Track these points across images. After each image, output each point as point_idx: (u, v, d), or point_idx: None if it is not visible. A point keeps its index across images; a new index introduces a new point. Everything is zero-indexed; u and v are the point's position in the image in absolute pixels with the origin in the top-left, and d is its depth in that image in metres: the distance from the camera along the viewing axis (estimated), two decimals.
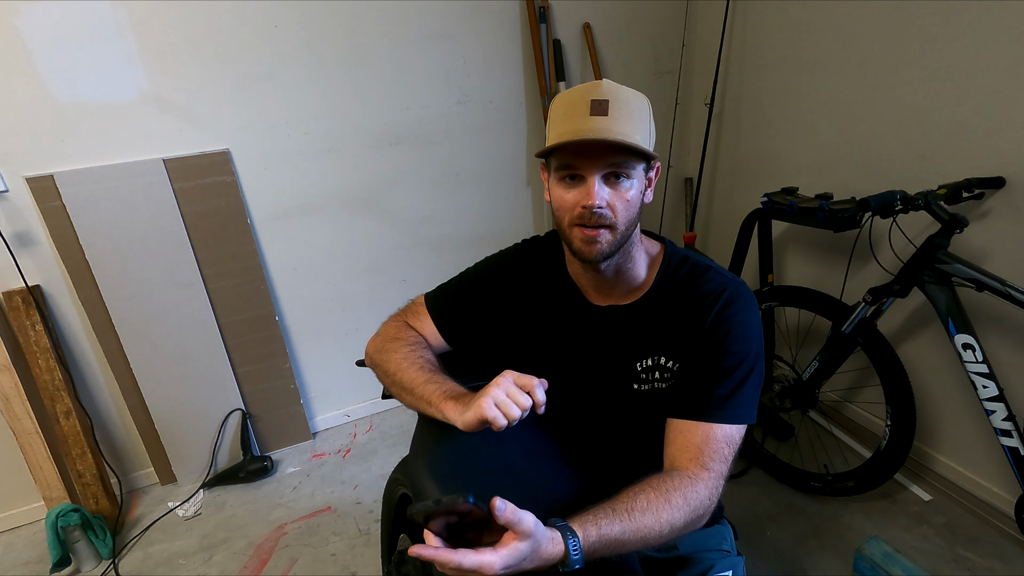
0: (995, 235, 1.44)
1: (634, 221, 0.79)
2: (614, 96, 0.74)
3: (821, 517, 1.62)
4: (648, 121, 0.77)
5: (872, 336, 1.52)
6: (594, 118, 0.73)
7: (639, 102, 0.76)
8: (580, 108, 0.74)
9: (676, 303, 0.84)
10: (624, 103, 0.74)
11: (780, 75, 1.91)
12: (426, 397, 0.80)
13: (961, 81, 1.42)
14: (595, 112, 0.73)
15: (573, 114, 0.74)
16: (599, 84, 0.75)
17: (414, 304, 1.00)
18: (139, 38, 1.57)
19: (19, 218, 1.61)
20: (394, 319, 1.00)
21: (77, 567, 1.65)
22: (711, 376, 0.79)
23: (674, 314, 0.84)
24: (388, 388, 0.90)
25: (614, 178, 0.76)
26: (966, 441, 1.64)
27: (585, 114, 0.73)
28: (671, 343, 0.84)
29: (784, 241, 2.06)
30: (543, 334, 0.92)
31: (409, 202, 2.06)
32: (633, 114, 0.74)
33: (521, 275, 0.94)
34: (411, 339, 0.92)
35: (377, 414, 2.30)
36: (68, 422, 1.74)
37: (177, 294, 1.79)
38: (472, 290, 0.96)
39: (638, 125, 0.75)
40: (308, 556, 1.64)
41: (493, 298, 0.94)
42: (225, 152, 1.76)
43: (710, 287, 0.82)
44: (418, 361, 0.86)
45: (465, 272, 0.99)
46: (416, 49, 1.87)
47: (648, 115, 0.77)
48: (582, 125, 0.73)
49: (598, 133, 0.72)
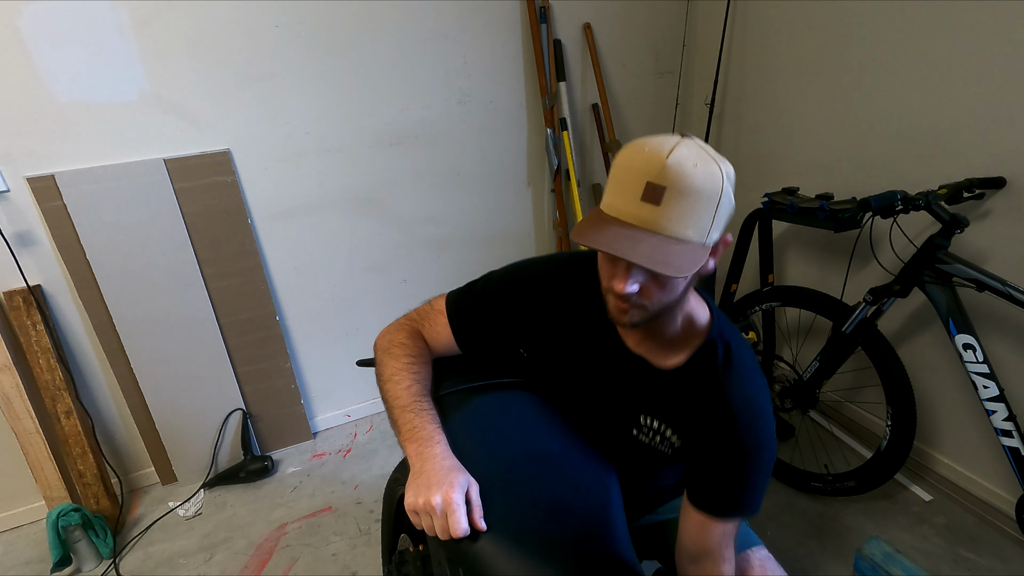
0: (996, 235, 1.44)
1: (676, 300, 0.74)
2: (674, 182, 0.63)
3: (821, 517, 1.62)
4: (713, 208, 0.66)
5: (873, 336, 1.52)
6: (643, 204, 0.64)
7: (708, 186, 0.65)
8: (635, 184, 0.65)
9: (700, 395, 0.80)
10: (685, 193, 0.64)
11: (780, 75, 1.91)
12: (397, 423, 0.83)
13: (961, 81, 1.42)
14: (646, 198, 0.64)
15: (626, 187, 0.66)
16: (664, 163, 0.64)
17: (432, 307, 0.96)
18: (139, 38, 1.58)
19: (20, 218, 1.61)
20: (408, 321, 0.97)
21: (78, 567, 1.65)
22: (731, 479, 0.81)
23: (697, 403, 0.81)
24: (378, 387, 0.92)
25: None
26: (967, 441, 1.63)
27: (636, 196, 0.65)
28: (683, 423, 0.84)
29: (784, 241, 2.06)
30: (563, 355, 0.91)
31: (409, 202, 2.06)
32: (695, 206, 0.64)
33: (553, 294, 0.89)
34: (416, 351, 0.92)
35: (377, 414, 2.30)
36: (69, 422, 1.74)
37: (178, 294, 1.79)
38: (497, 302, 0.92)
39: (694, 217, 0.65)
40: (309, 556, 1.64)
41: (518, 311, 0.90)
42: (226, 152, 1.76)
43: (739, 399, 0.79)
44: (408, 379, 0.87)
45: (491, 278, 0.94)
46: (416, 49, 1.87)
47: (715, 201, 0.66)
48: (627, 208, 0.66)
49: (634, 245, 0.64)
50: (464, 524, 0.70)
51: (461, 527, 0.70)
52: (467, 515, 0.71)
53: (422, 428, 0.81)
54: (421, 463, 0.77)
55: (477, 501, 0.73)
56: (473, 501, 0.73)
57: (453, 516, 0.70)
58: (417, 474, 0.76)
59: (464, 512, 0.71)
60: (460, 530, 0.70)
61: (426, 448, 0.78)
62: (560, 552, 0.73)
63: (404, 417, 0.83)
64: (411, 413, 0.83)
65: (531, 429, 0.89)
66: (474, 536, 0.71)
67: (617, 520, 0.80)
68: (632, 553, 0.78)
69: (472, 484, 0.75)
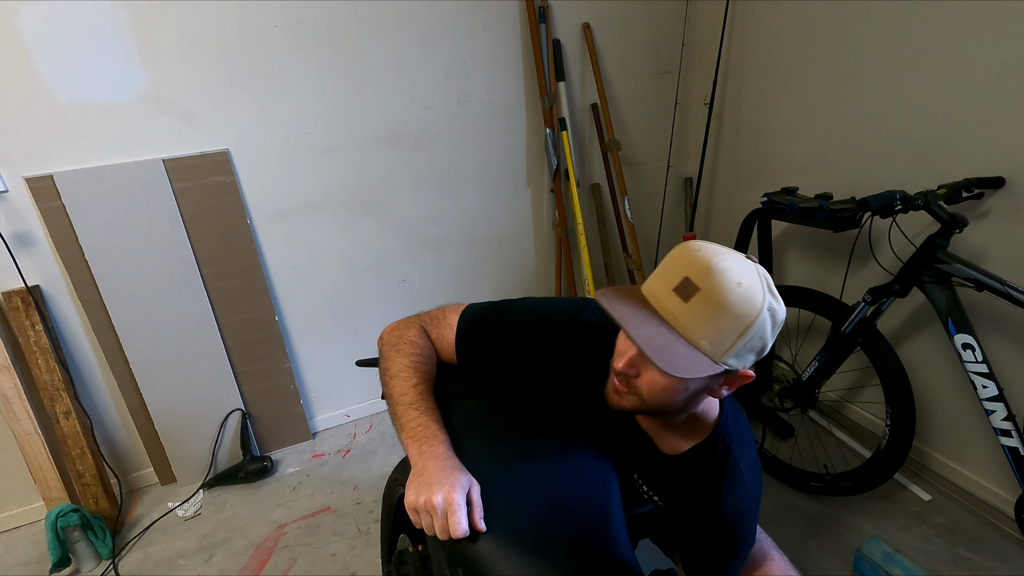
0: (995, 235, 1.44)
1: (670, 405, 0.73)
2: (710, 289, 0.63)
3: (821, 517, 1.62)
4: (739, 331, 0.65)
5: (872, 336, 1.52)
6: (673, 296, 0.65)
7: (742, 307, 0.64)
8: (675, 274, 0.66)
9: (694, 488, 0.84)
10: (715, 304, 0.63)
11: (780, 75, 1.91)
12: (401, 420, 0.83)
13: (961, 81, 1.42)
14: (678, 291, 0.65)
15: (666, 274, 0.68)
16: (710, 266, 0.64)
17: (446, 316, 0.95)
18: (139, 38, 1.57)
19: (19, 218, 1.61)
20: (418, 319, 0.97)
21: (77, 567, 1.65)
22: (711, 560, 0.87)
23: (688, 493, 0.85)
24: (381, 382, 0.91)
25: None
26: (966, 441, 1.64)
27: (670, 286, 0.66)
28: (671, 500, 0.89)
29: (784, 241, 2.06)
30: (570, 408, 0.91)
31: (409, 202, 2.06)
32: (719, 320, 0.64)
33: (566, 351, 0.87)
34: (424, 350, 0.92)
35: (377, 414, 2.30)
36: (68, 422, 1.74)
37: (177, 294, 1.79)
38: (511, 337, 0.90)
39: (716, 332, 0.64)
40: (308, 556, 1.64)
41: (526, 353, 0.89)
42: (225, 152, 1.76)
43: (731, 498, 0.82)
44: (415, 377, 0.87)
45: (510, 308, 0.93)
46: (416, 49, 1.87)
47: (745, 326, 0.65)
48: (658, 294, 0.67)
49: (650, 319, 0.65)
50: (464, 525, 0.70)
51: (461, 527, 0.70)
52: (467, 515, 0.71)
53: (426, 427, 0.81)
54: (423, 462, 0.77)
55: (478, 502, 0.73)
56: (474, 502, 0.73)
57: (454, 516, 0.70)
58: (419, 473, 0.76)
59: (465, 513, 0.71)
60: (460, 530, 0.70)
61: (428, 447, 0.78)
62: (560, 552, 0.73)
63: (408, 414, 0.83)
64: (416, 411, 0.83)
65: (531, 429, 0.89)
66: (474, 536, 0.71)
67: (617, 520, 0.80)
68: (632, 553, 0.78)
69: (473, 484, 0.75)
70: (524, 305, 0.93)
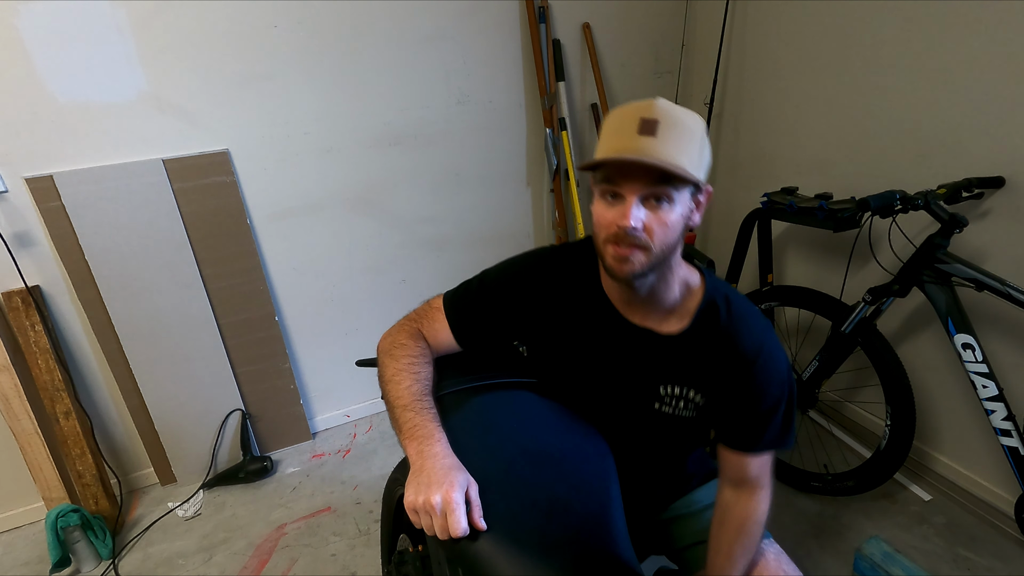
0: (995, 235, 1.44)
1: (672, 245, 0.77)
2: (665, 116, 0.71)
3: (821, 517, 1.62)
4: (699, 145, 0.74)
5: (872, 336, 1.52)
6: (641, 138, 0.71)
7: (693, 123, 0.74)
8: (629, 125, 0.72)
9: (712, 349, 0.85)
10: (675, 125, 0.71)
11: (780, 75, 1.91)
12: (398, 422, 0.84)
13: (961, 81, 1.42)
14: (643, 131, 0.71)
15: (622, 131, 0.73)
16: (652, 103, 0.73)
17: (431, 306, 0.98)
18: (138, 38, 1.57)
19: (19, 218, 1.61)
20: (408, 321, 0.98)
21: (77, 567, 1.65)
22: (757, 418, 0.87)
23: (709, 359, 0.85)
24: (380, 388, 0.92)
25: (654, 200, 0.73)
26: (966, 441, 1.64)
27: (633, 132, 0.71)
28: (702, 382, 0.87)
29: (784, 241, 2.06)
30: (568, 342, 0.92)
31: (409, 202, 2.06)
32: (683, 136, 0.72)
33: (549, 282, 0.91)
34: (416, 352, 0.93)
35: (377, 414, 2.30)
36: (68, 422, 1.74)
37: (177, 294, 1.79)
38: (493, 296, 0.93)
39: (686, 148, 0.72)
40: (308, 556, 1.64)
41: (516, 305, 0.92)
42: (225, 152, 1.76)
43: (750, 346, 0.84)
44: (408, 379, 0.88)
45: (486, 274, 0.96)
46: (416, 49, 1.87)
47: (700, 138, 0.74)
48: (628, 144, 0.72)
49: (641, 154, 0.70)
50: (463, 524, 0.70)
51: (460, 527, 0.70)
52: (467, 514, 0.71)
53: (423, 427, 0.81)
54: (421, 461, 0.77)
55: (476, 500, 0.73)
56: (472, 500, 0.73)
57: (453, 515, 0.70)
58: (417, 472, 0.76)
59: (463, 512, 0.71)
60: (459, 530, 0.69)
61: (426, 446, 0.79)
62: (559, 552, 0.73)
63: (405, 416, 0.83)
64: (411, 412, 0.83)
65: (531, 428, 0.89)
66: (474, 536, 0.71)
67: (616, 520, 0.80)
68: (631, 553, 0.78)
69: (472, 483, 0.75)
70: (499, 265, 0.96)
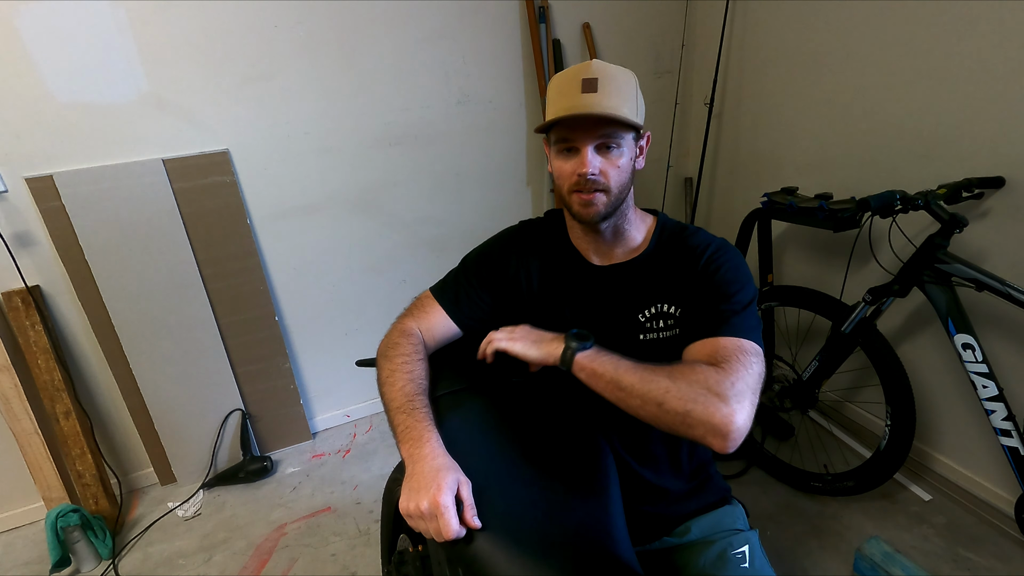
0: (995, 235, 1.44)
1: (626, 185, 0.88)
2: (603, 74, 0.82)
3: (821, 517, 1.62)
4: (635, 95, 0.85)
5: (872, 336, 1.52)
6: (585, 95, 0.81)
7: (626, 78, 0.85)
8: (573, 86, 0.82)
9: (671, 257, 0.93)
10: (612, 80, 0.82)
11: (780, 75, 1.91)
12: (392, 424, 0.86)
13: (961, 81, 1.42)
14: (586, 90, 0.81)
15: (567, 92, 0.83)
16: (589, 64, 0.83)
17: (421, 300, 1.04)
18: (139, 38, 1.57)
19: (19, 218, 1.61)
20: (401, 321, 1.02)
21: (77, 567, 1.65)
22: (713, 302, 0.85)
23: (670, 266, 0.92)
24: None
25: (605, 148, 0.84)
26: (966, 441, 1.63)
27: (577, 92, 0.82)
28: (670, 291, 0.92)
29: (784, 241, 2.06)
30: (550, 298, 0.98)
31: (409, 202, 2.06)
32: (621, 89, 0.83)
33: (524, 248, 1.01)
34: (409, 349, 0.94)
35: (377, 414, 2.30)
36: (68, 422, 1.74)
37: (177, 294, 1.79)
38: (477, 271, 1.02)
39: (625, 99, 0.83)
40: (308, 556, 1.64)
41: (499, 273, 1.00)
42: (225, 152, 1.76)
43: (699, 240, 0.92)
44: (401, 380, 0.89)
45: (466, 257, 1.05)
46: (416, 49, 1.87)
47: (635, 89, 0.85)
48: (575, 102, 0.82)
49: (588, 108, 0.80)
50: (454, 526, 0.69)
51: (452, 529, 0.69)
52: (460, 514, 0.71)
53: (414, 428, 0.82)
54: (412, 465, 0.77)
55: (469, 499, 0.73)
56: (465, 500, 0.72)
57: (443, 519, 0.70)
58: (409, 476, 0.76)
59: (453, 513, 0.70)
60: (451, 532, 0.69)
61: (416, 449, 0.78)
62: (559, 552, 0.73)
63: (398, 418, 0.84)
64: (403, 414, 0.84)
65: (530, 428, 0.89)
66: (471, 535, 0.71)
67: (616, 520, 0.80)
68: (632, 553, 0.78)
69: (463, 482, 0.74)
70: (475, 248, 1.06)
